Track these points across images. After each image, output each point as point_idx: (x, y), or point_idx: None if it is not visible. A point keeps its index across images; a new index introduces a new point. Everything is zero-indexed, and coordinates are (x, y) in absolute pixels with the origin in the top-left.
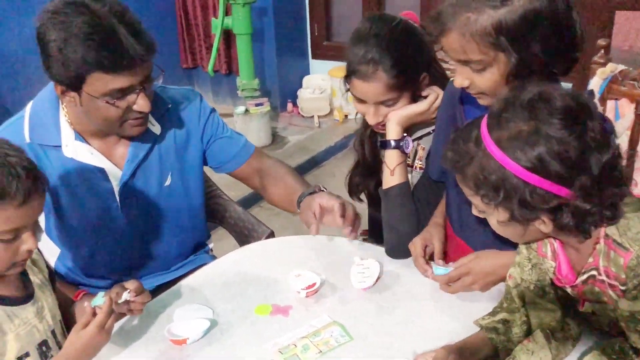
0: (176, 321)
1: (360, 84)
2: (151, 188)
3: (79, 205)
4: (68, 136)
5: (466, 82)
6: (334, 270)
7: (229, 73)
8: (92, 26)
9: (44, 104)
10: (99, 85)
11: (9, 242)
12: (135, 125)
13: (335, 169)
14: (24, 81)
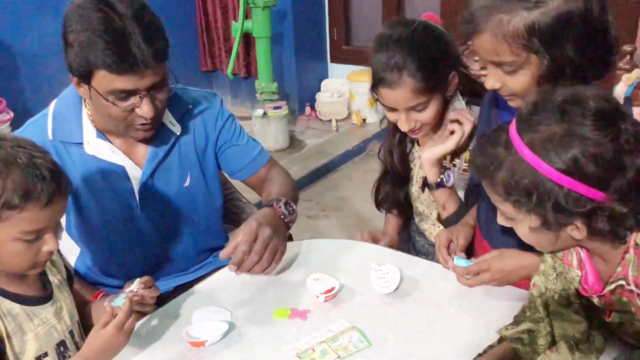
0: (195, 323)
1: (388, 92)
2: (171, 188)
3: (100, 203)
4: (90, 134)
5: (497, 84)
6: (353, 275)
7: (248, 76)
8: (106, 24)
9: (67, 101)
10: (103, 82)
11: (31, 243)
12: (140, 129)
13: (352, 172)
14: (45, 81)
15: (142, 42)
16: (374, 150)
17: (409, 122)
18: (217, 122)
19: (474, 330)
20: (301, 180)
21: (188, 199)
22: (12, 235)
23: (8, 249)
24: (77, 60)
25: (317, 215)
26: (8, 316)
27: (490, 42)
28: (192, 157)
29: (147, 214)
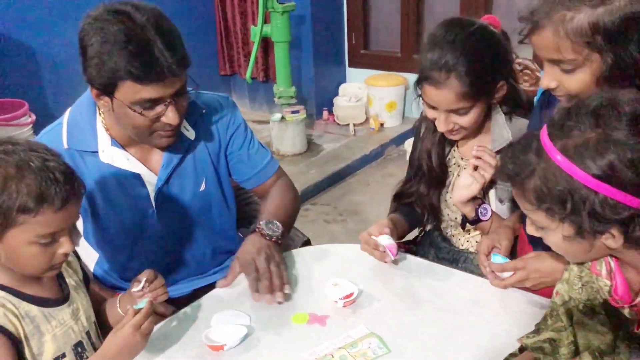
0: (213, 327)
1: (432, 90)
2: (186, 193)
3: (116, 210)
4: (104, 142)
5: (553, 83)
6: (371, 281)
7: (266, 80)
8: (128, 35)
9: (81, 110)
10: (128, 93)
11: (47, 246)
12: (164, 136)
13: (369, 177)
14: (67, 86)
15: (165, 50)
16: (392, 155)
17: (447, 124)
18: (228, 128)
19: (493, 338)
20: (318, 184)
21: (203, 203)
22: (28, 239)
23: (24, 252)
24: (99, 73)
25: (334, 219)
26: (26, 318)
27: (552, 38)
28: (207, 161)
29: (163, 219)
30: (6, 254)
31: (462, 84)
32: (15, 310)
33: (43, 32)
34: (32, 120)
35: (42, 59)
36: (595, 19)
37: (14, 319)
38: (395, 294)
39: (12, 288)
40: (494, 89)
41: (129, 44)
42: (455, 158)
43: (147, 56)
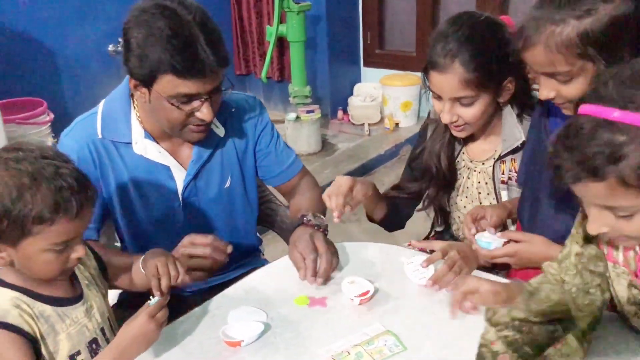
0: (231, 323)
1: (436, 76)
2: (212, 189)
3: (145, 201)
4: (138, 134)
5: (552, 93)
6: (387, 279)
7: (281, 80)
8: (173, 30)
9: (116, 102)
10: (168, 86)
11: (61, 252)
12: (195, 131)
13: (384, 177)
14: (85, 84)
15: (207, 48)
16: (406, 155)
17: (451, 114)
18: (257, 127)
19: None
20: None
21: (227, 200)
22: (43, 247)
23: (38, 259)
24: (139, 65)
25: (348, 218)
26: (41, 318)
27: (544, 54)
28: (233, 159)
29: (188, 214)
30: (20, 260)
31: (465, 70)
32: (30, 310)
33: (61, 31)
34: (50, 118)
35: (59, 58)
36: (583, 29)
37: (29, 319)
38: (411, 293)
39: (26, 289)
40: (501, 83)
41: (173, 39)
42: (464, 160)
43: (190, 52)
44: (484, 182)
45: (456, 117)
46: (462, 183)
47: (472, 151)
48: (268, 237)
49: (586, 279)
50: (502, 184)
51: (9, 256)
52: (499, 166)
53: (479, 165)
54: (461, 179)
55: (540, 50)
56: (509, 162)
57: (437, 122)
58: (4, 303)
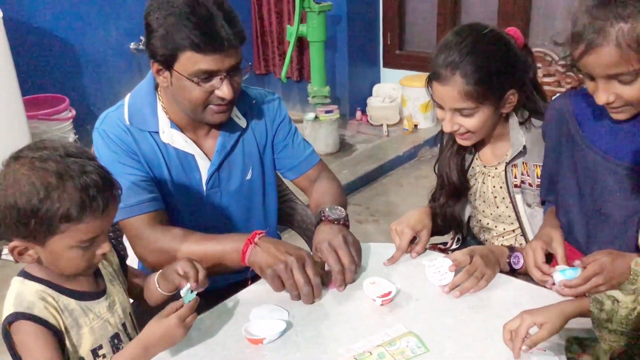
0: (253, 321)
1: (438, 87)
2: (234, 180)
3: (172, 190)
4: (164, 124)
5: (612, 96)
6: (409, 280)
7: (300, 80)
8: (191, 7)
9: (141, 94)
10: (188, 64)
11: (87, 249)
12: (217, 112)
13: (402, 178)
14: (106, 81)
15: (225, 23)
16: (425, 157)
17: (451, 124)
18: (275, 119)
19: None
20: (351, 184)
21: (248, 192)
22: (69, 244)
23: (65, 256)
24: (162, 43)
25: (366, 220)
26: (65, 311)
27: (614, 53)
28: (254, 151)
29: (211, 205)
30: (47, 258)
31: (466, 82)
32: (54, 303)
33: (83, 29)
34: (73, 115)
35: (82, 55)
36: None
37: (54, 311)
38: (433, 294)
39: (51, 282)
40: (502, 95)
41: (192, 16)
42: (478, 166)
43: (209, 27)
44: (499, 186)
45: (457, 126)
46: (478, 188)
47: (485, 156)
48: (286, 235)
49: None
50: (515, 187)
51: (36, 254)
52: (511, 170)
53: (492, 170)
54: (477, 184)
55: (609, 51)
56: (520, 165)
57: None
58: (30, 295)
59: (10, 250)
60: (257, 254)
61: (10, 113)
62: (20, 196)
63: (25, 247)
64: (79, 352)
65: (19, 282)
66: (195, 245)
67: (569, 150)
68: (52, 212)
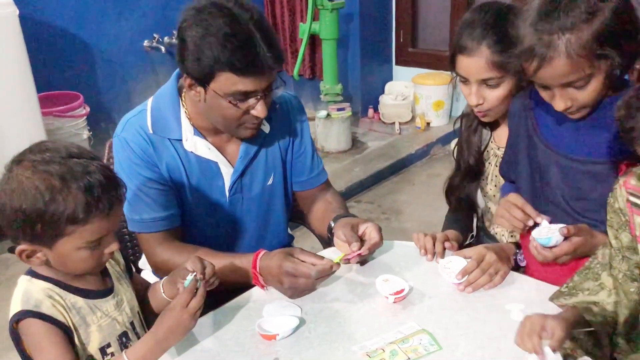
0: (266, 317)
1: (464, 59)
2: (256, 186)
3: (192, 197)
4: (188, 131)
5: (569, 102)
6: (422, 278)
7: (313, 77)
8: (232, 28)
9: (164, 99)
10: (226, 84)
11: (95, 249)
12: (249, 128)
13: (414, 177)
14: (120, 79)
15: (264, 45)
16: (438, 155)
17: (478, 96)
18: (297, 126)
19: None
20: (362, 182)
21: (269, 197)
22: (77, 245)
23: (73, 257)
24: (196, 64)
25: (377, 218)
26: (72, 309)
27: (566, 64)
28: (277, 156)
29: (233, 211)
30: (55, 259)
31: (492, 52)
32: (62, 301)
33: (98, 26)
34: (87, 112)
35: (96, 52)
36: (596, 30)
37: (61, 309)
38: (446, 292)
39: (58, 280)
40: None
41: (232, 37)
42: (493, 149)
43: (249, 50)
44: None
45: (482, 100)
46: (490, 171)
47: (499, 137)
48: (297, 233)
49: (630, 266)
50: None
51: (44, 256)
52: None
53: None
54: (490, 167)
55: (561, 62)
56: None
57: (469, 115)
58: (37, 293)
59: (18, 253)
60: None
61: (25, 110)
62: (25, 200)
63: (33, 250)
64: (87, 350)
65: (26, 281)
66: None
67: (525, 144)
68: (58, 215)
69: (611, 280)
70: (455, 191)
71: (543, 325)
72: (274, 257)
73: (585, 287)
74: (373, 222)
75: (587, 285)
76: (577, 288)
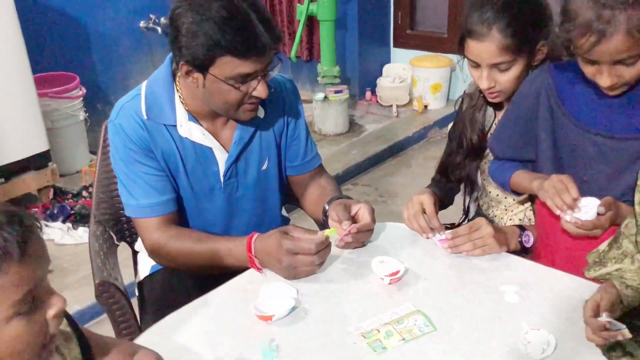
0: (262, 298)
1: (475, 44)
2: (251, 171)
3: (187, 182)
4: (182, 116)
5: (616, 79)
6: (418, 260)
7: (310, 59)
8: (229, 11)
9: (158, 84)
10: (226, 68)
11: (31, 315)
12: (249, 110)
13: (412, 159)
14: (116, 60)
15: (262, 26)
16: (435, 138)
17: (489, 80)
18: (292, 110)
19: (543, 322)
20: (359, 165)
21: (264, 182)
22: (5, 314)
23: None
24: (194, 50)
25: (374, 200)
26: None
27: (625, 40)
28: (272, 141)
29: (227, 196)
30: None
31: (503, 36)
32: None
33: (93, 7)
34: (83, 93)
35: (93, 34)
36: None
37: None
38: (441, 274)
39: None
40: (535, 48)
41: (230, 21)
42: None
43: (248, 32)
44: None
45: (494, 83)
46: None
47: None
48: (294, 216)
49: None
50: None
51: None
52: None
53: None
54: None
55: (620, 39)
56: None
57: (472, 95)
58: None
59: None
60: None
61: (21, 91)
62: None
63: None
64: None
65: None
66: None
67: (548, 124)
68: None
69: (631, 247)
70: (456, 169)
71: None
72: (270, 237)
73: (612, 256)
74: (366, 204)
75: (612, 254)
76: (606, 257)
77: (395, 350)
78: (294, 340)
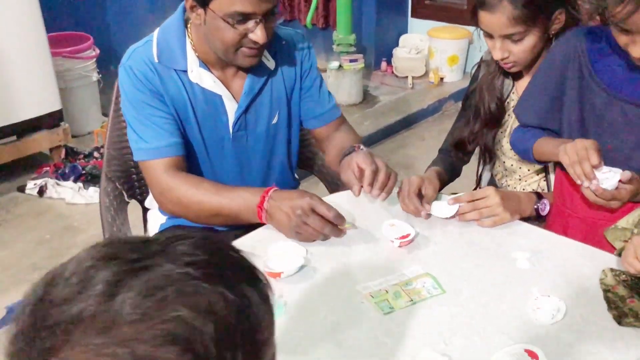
0: (271, 256)
1: (486, 15)
2: (260, 124)
3: (197, 131)
4: (193, 62)
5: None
6: (428, 224)
7: (326, 27)
8: None
9: (171, 30)
10: (224, 4)
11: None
12: (248, 55)
13: (425, 132)
14: (130, 20)
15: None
16: (450, 111)
17: (502, 51)
18: (304, 63)
19: (554, 289)
20: (372, 136)
21: (273, 136)
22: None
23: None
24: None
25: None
26: None
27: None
28: (282, 94)
29: (236, 148)
30: None
31: (514, 7)
32: None
33: None
34: (96, 53)
35: None
36: None
37: None
38: (452, 239)
39: None
40: (551, 16)
41: None
42: (513, 100)
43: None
44: None
45: (507, 54)
46: (510, 124)
47: (522, 89)
48: (305, 183)
49: None
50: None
51: None
52: None
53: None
54: (509, 120)
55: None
56: None
57: (489, 62)
58: None
59: None
60: (272, 220)
61: (34, 49)
62: None
63: None
64: None
65: None
66: (210, 199)
67: (575, 87)
68: None
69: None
70: (474, 139)
71: None
72: (296, 192)
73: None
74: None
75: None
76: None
77: (402, 311)
78: (301, 298)
